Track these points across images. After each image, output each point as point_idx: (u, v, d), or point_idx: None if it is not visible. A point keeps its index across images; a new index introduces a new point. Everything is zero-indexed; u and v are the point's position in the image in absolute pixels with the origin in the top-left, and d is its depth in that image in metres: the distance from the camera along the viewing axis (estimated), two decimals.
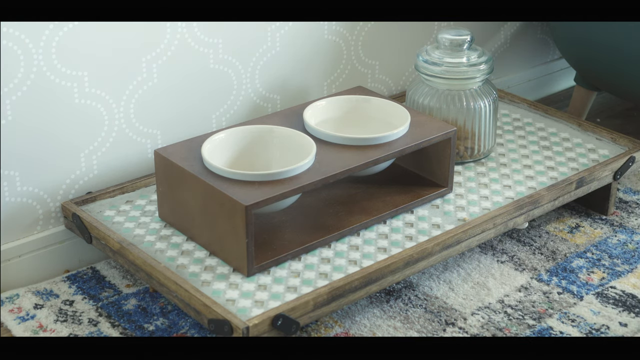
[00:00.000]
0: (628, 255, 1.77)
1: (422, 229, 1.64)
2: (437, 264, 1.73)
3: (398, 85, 2.12)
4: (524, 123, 1.99)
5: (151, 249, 1.57)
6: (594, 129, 1.95)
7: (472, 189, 1.76)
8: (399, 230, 1.63)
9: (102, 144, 1.71)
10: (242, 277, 1.51)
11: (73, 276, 1.69)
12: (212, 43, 1.78)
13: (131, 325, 1.57)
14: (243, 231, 1.48)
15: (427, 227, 1.64)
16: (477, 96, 1.82)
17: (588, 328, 1.58)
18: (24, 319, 1.58)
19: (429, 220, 1.66)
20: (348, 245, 1.59)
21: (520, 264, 1.74)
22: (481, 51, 1.84)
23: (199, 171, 1.55)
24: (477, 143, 1.83)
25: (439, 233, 1.62)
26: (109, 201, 1.70)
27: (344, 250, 1.58)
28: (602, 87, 2.18)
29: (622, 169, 1.85)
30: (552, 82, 2.47)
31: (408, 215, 1.67)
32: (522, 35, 2.33)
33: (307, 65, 1.93)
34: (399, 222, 1.65)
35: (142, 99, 1.73)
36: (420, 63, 1.84)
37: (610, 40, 1.98)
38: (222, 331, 1.41)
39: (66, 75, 1.62)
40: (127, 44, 1.68)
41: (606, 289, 1.68)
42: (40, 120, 1.62)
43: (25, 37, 1.55)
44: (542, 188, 1.75)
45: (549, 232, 1.83)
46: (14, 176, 1.62)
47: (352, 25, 1.98)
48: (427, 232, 1.63)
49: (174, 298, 1.49)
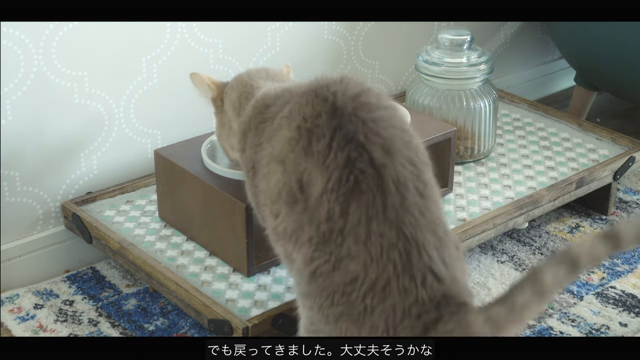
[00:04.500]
0: (628, 255, 1.77)
1: None
2: None
3: (398, 85, 2.12)
4: (524, 123, 1.99)
5: (151, 249, 1.57)
6: (594, 129, 1.95)
7: (472, 189, 1.76)
8: None
9: (102, 144, 1.71)
10: (242, 277, 1.51)
11: (73, 276, 1.69)
12: (212, 43, 1.78)
13: (131, 325, 1.57)
14: (243, 231, 1.48)
15: None
16: (477, 96, 1.82)
17: (588, 328, 1.58)
18: (24, 319, 1.58)
19: None
20: None
21: (520, 264, 1.74)
22: (481, 51, 1.84)
23: (199, 171, 1.55)
24: (477, 143, 1.83)
25: None
26: (109, 201, 1.70)
27: None
28: (602, 87, 2.18)
29: (622, 169, 1.85)
30: (552, 82, 2.47)
31: None
32: (522, 35, 2.34)
33: (307, 65, 1.93)
34: None
35: (142, 99, 1.73)
36: (420, 63, 1.84)
37: (610, 40, 1.98)
38: (222, 331, 1.41)
39: (66, 75, 1.62)
40: (127, 44, 1.68)
41: (606, 289, 1.68)
42: (40, 120, 1.62)
43: (25, 37, 1.55)
44: (542, 188, 1.75)
45: (549, 232, 1.84)
46: (14, 176, 1.62)
47: (352, 25, 1.98)
48: None
49: (174, 298, 1.49)
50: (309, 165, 1.19)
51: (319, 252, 1.19)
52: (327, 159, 1.18)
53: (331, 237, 1.17)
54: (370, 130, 1.19)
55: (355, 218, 1.16)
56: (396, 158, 1.18)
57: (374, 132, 1.19)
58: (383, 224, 1.15)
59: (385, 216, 1.16)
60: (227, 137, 1.50)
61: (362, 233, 1.16)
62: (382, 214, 1.16)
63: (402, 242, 1.15)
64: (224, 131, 1.50)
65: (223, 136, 1.51)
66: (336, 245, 1.17)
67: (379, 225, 1.15)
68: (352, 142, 1.18)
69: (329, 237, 1.18)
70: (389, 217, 1.16)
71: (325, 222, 1.18)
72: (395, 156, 1.18)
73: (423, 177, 1.20)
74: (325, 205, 1.17)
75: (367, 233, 1.16)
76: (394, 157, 1.18)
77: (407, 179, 1.18)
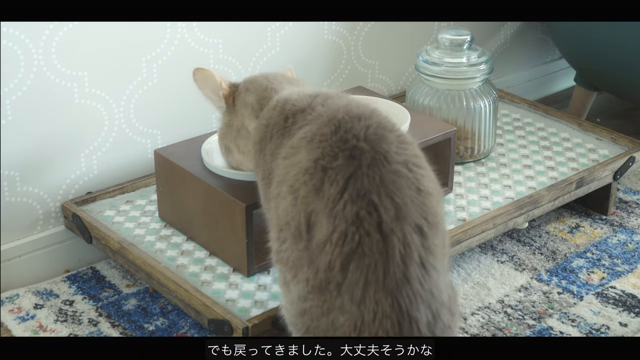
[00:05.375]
0: (628, 255, 1.77)
1: None
2: None
3: (398, 85, 2.12)
4: (524, 123, 1.99)
5: (151, 249, 1.57)
6: (594, 129, 1.95)
7: (472, 189, 1.76)
8: None
9: (102, 144, 1.71)
10: (242, 277, 1.51)
11: (73, 276, 1.69)
12: (212, 43, 1.78)
13: (131, 325, 1.57)
14: (243, 231, 1.48)
15: None
16: (477, 96, 1.82)
17: (588, 328, 1.58)
18: (24, 319, 1.58)
19: None
20: None
21: (520, 264, 1.74)
22: (481, 51, 1.84)
23: (199, 171, 1.55)
24: (477, 143, 1.83)
25: None
26: (109, 201, 1.70)
27: None
28: (602, 87, 2.18)
29: (622, 169, 1.85)
30: (552, 82, 2.47)
31: None
32: (522, 35, 2.33)
33: (307, 65, 1.93)
34: None
35: (142, 99, 1.73)
36: (420, 63, 1.84)
37: (611, 40, 1.98)
38: (222, 331, 1.41)
39: (66, 75, 1.62)
40: (127, 44, 1.68)
41: (606, 289, 1.68)
42: (40, 120, 1.62)
43: (25, 37, 1.55)
44: (542, 188, 1.75)
45: (549, 232, 1.83)
46: (14, 176, 1.62)
47: (352, 25, 1.98)
48: None
49: (174, 298, 1.49)
50: (318, 206, 1.18)
51: (314, 295, 1.18)
52: (336, 206, 1.17)
53: (328, 287, 1.17)
54: (385, 190, 1.17)
55: (354, 278, 1.15)
56: (405, 225, 1.17)
57: (388, 194, 1.17)
58: (381, 292, 1.15)
59: (384, 284, 1.15)
60: (233, 138, 1.49)
61: (358, 294, 1.15)
62: (382, 281, 1.15)
63: (396, 314, 1.15)
64: (230, 132, 1.49)
65: (229, 137, 1.50)
66: (331, 296, 1.17)
67: (376, 292, 1.15)
68: (364, 199, 1.16)
69: (325, 287, 1.17)
70: (388, 286, 1.15)
71: (324, 271, 1.17)
72: (405, 223, 1.17)
73: (429, 243, 1.18)
74: (327, 256, 1.16)
75: (363, 296, 1.15)
76: (404, 224, 1.16)
77: (412, 249, 1.16)
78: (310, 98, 1.33)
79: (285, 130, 1.32)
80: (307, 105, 1.32)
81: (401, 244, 1.15)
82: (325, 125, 1.24)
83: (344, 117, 1.24)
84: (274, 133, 1.33)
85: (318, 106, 1.30)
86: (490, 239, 1.79)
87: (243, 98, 1.45)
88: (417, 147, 1.28)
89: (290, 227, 1.21)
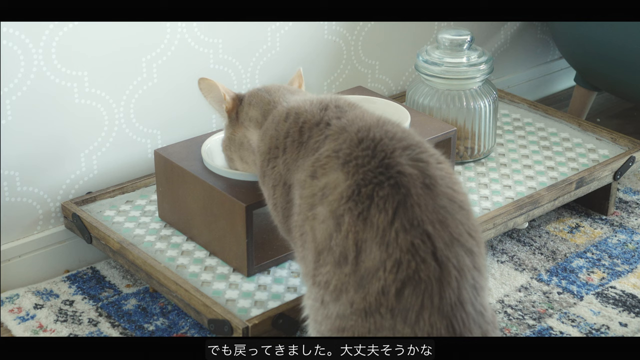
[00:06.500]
0: (628, 255, 1.77)
1: None
2: None
3: (398, 85, 2.12)
4: (524, 123, 1.99)
5: (151, 249, 1.57)
6: (594, 129, 1.95)
7: (472, 189, 1.76)
8: None
9: (102, 144, 1.71)
10: (242, 277, 1.51)
11: (73, 276, 1.69)
12: (212, 43, 1.78)
13: (131, 325, 1.57)
14: (243, 231, 1.48)
15: None
16: (477, 96, 1.82)
17: (588, 328, 1.58)
18: (24, 319, 1.58)
19: None
20: None
21: (520, 264, 1.74)
22: (481, 51, 1.84)
23: (199, 171, 1.55)
24: (477, 143, 1.83)
25: None
26: (109, 201, 1.70)
27: None
28: (602, 87, 2.18)
29: (622, 169, 1.85)
30: (552, 82, 2.47)
31: None
32: (522, 35, 2.33)
33: (307, 65, 1.93)
34: None
35: (142, 99, 1.73)
36: (420, 63, 1.84)
37: (611, 40, 1.98)
38: (222, 331, 1.41)
39: (66, 75, 1.62)
40: (127, 44, 1.68)
41: (606, 289, 1.68)
42: (40, 120, 1.62)
43: (25, 37, 1.55)
44: (542, 188, 1.75)
45: (549, 232, 1.83)
46: (14, 176, 1.62)
47: (352, 25, 1.98)
48: None
49: (174, 298, 1.49)
50: (366, 235, 1.18)
51: (358, 318, 1.18)
52: (387, 236, 1.17)
53: (378, 310, 1.17)
54: (438, 217, 1.17)
55: (409, 303, 1.16)
56: (458, 249, 1.17)
57: (440, 221, 1.17)
58: (436, 316, 1.16)
59: (440, 308, 1.16)
60: (237, 149, 1.49)
61: (412, 317, 1.16)
62: (438, 305, 1.15)
63: (450, 336, 1.16)
64: (233, 144, 1.50)
65: (232, 148, 1.50)
66: (382, 319, 1.17)
67: (432, 316, 1.16)
68: (417, 228, 1.16)
69: (375, 310, 1.17)
70: (444, 310, 1.16)
71: (374, 296, 1.17)
72: (458, 246, 1.17)
73: (478, 263, 1.20)
74: (380, 282, 1.16)
75: (417, 319, 1.16)
76: (457, 248, 1.17)
77: (466, 272, 1.17)
78: (321, 111, 1.33)
79: (301, 145, 1.31)
80: (320, 120, 1.31)
81: (456, 269, 1.17)
82: (356, 145, 1.23)
83: (375, 136, 1.23)
84: (287, 145, 1.33)
85: (333, 120, 1.30)
86: (490, 239, 1.79)
87: (246, 112, 1.46)
88: (448, 162, 1.27)
89: (334, 252, 1.21)
